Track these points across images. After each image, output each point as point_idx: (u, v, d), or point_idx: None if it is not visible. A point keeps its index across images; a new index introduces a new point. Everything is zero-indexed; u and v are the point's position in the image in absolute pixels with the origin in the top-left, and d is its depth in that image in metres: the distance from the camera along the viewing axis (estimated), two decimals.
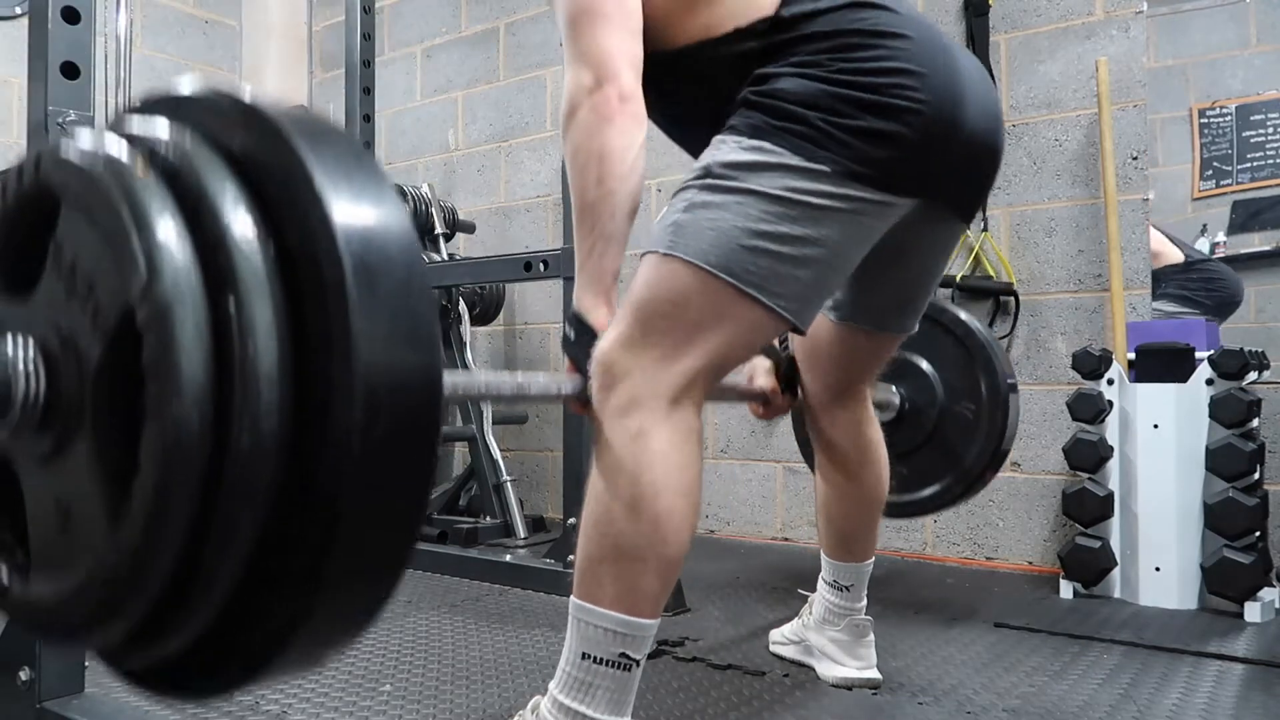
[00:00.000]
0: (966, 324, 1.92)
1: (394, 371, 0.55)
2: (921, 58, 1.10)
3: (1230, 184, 3.07)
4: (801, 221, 1.07)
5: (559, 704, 1.08)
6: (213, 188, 0.56)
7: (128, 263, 0.54)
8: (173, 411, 0.52)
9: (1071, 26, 2.57)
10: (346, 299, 0.52)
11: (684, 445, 1.08)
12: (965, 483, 1.92)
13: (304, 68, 4.40)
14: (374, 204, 0.57)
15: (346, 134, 0.62)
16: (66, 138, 0.62)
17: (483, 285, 3.29)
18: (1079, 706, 1.48)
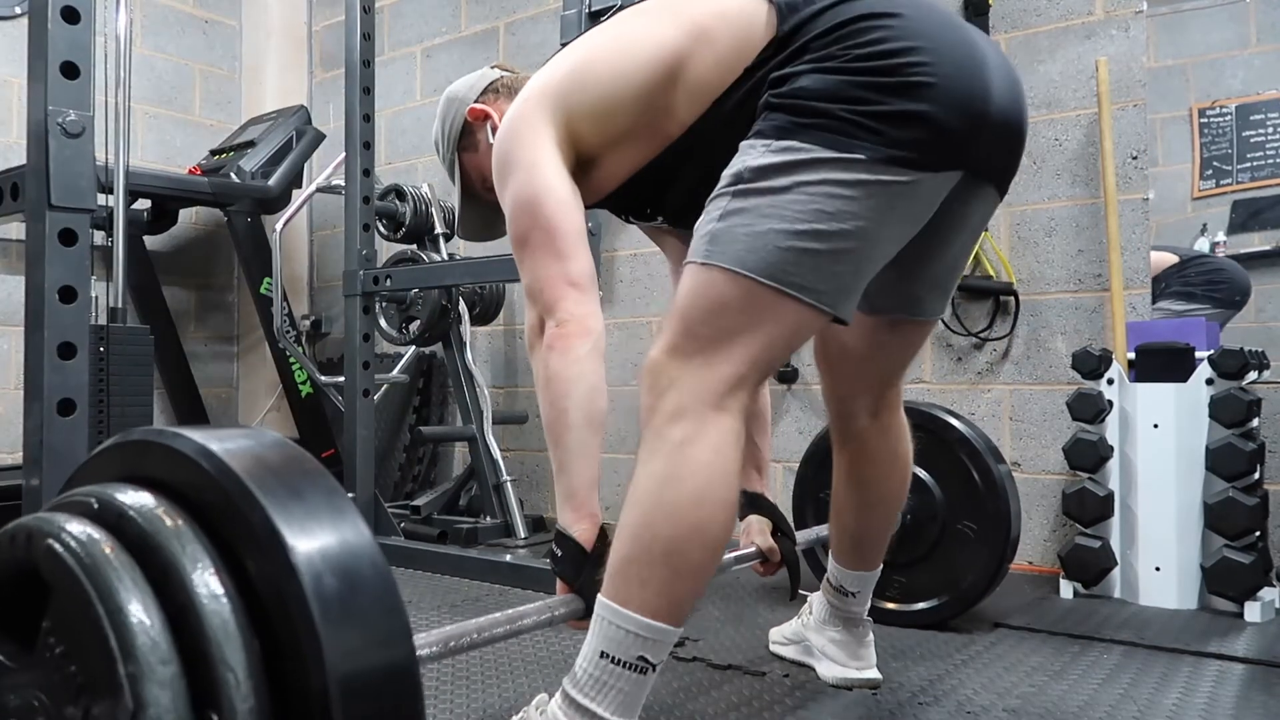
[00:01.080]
0: (971, 442, 1.90)
1: (371, 687, 0.60)
2: (919, 31, 1.10)
3: (1230, 184, 3.07)
4: (838, 216, 1.07)
5: (571, 700, 1.09)
6: (193, 584, 0.60)
7: (115, 690, 0.57)
8: None
9: (1071, 26, 2.57)
10: (320, 645, 0.57)
11: (729, 454, 1.09)
12: (961, 604, 1.91)
13: (304, 68, 4.40)
14: (335, 533, 0.62)
15: (301, 459, 0.68)
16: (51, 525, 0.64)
17: (483, 285, 3.29)
18: (1079, 706, 1.48)
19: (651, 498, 1.08)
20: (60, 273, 1.38)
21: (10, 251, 3.56)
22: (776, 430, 3.03)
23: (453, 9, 3.86)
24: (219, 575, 0.60)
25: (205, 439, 0.65)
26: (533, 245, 1.24)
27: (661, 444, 1.09)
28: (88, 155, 1.41)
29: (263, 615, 0.60)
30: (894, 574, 1.92)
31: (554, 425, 1.21)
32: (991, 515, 1.87)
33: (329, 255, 4.24)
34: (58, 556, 0.62)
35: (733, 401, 1.10)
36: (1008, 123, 1.18)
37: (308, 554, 0.60)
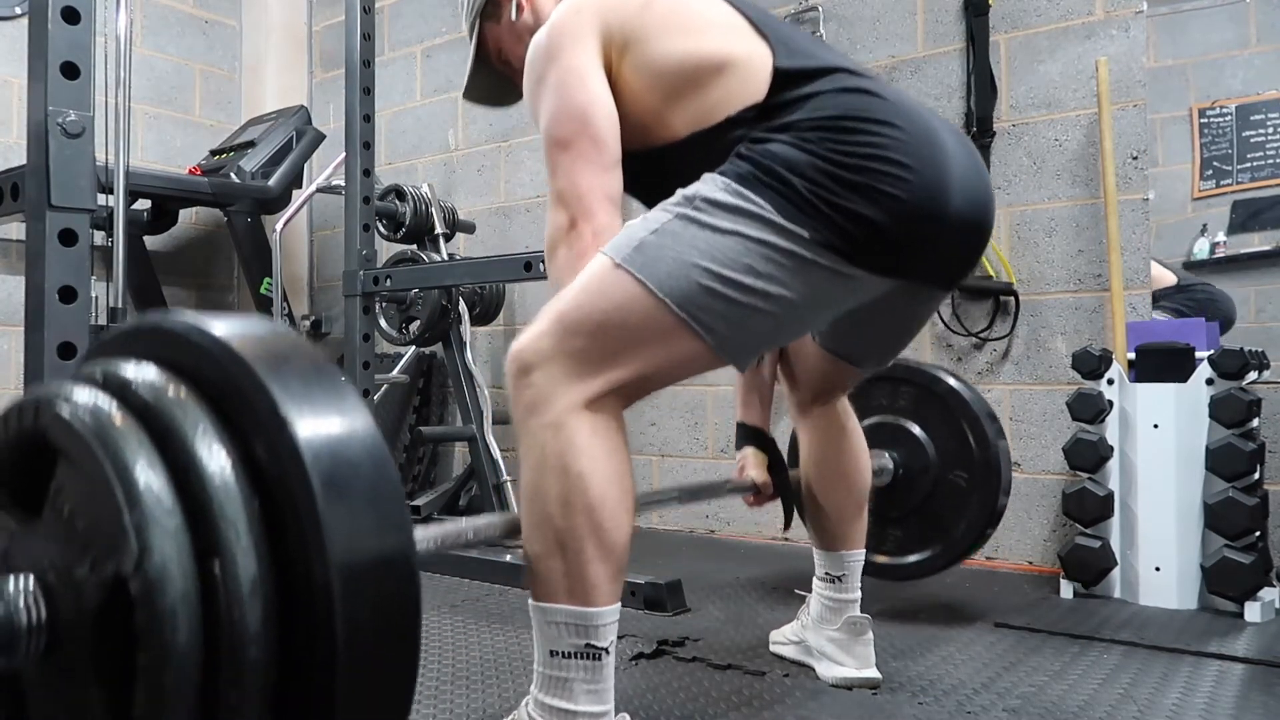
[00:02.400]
0: (962, 396, 1.94)
1: (369, 570, 0.61)
2: (910, 149, 1.13)
3: (1230, 184, 3.07)
4: (766, 278, 1.10)
5: (540, 704, 1.10)
6: (189, 432, 0.62)
7: (120, 536, 0.59)
8: (163, 680, 0.57)
9: (1071, 26, 2.57)
10: (320, 523, 0.59)
11: (606, 434, 1.10)
12: (953, 553, 1.94)
13: (304, 68, 4.40)
14: (337, 416, 0.63)
15: (307, 348, 0.69)
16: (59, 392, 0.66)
17: (483, 285, 3.29)
18: (1079, 706, 1.48)
19: (539, 490, 1.09)
20: (60, 273, 1.38)
21: (10, 251, 3.56)
22: (775, 430, 3.03)
23: (453, 9, 3.85)
24: (223, 445, 0.61)
25: (213, 323, 0.66)
26: (577, 152, 1.19)
27: (534, 435, 1.10)
28: (88, 155, 1.41)
29: (265, 491, 0.61)
30: (887, 528, 1.94)
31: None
32: (981, 464, 1.90)
33: (329, 255, 4.24)
34: (65, 421, 0.64)
35: (605, 405, 1.11)
36: (961, 243, 1.23)
37: (310, 435, 0.60)
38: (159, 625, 0.57)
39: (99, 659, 0.61)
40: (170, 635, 0.57)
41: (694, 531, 3.17)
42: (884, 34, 2.84)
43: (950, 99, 2.73)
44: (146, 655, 0.57)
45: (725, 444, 3.14)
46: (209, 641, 0.58)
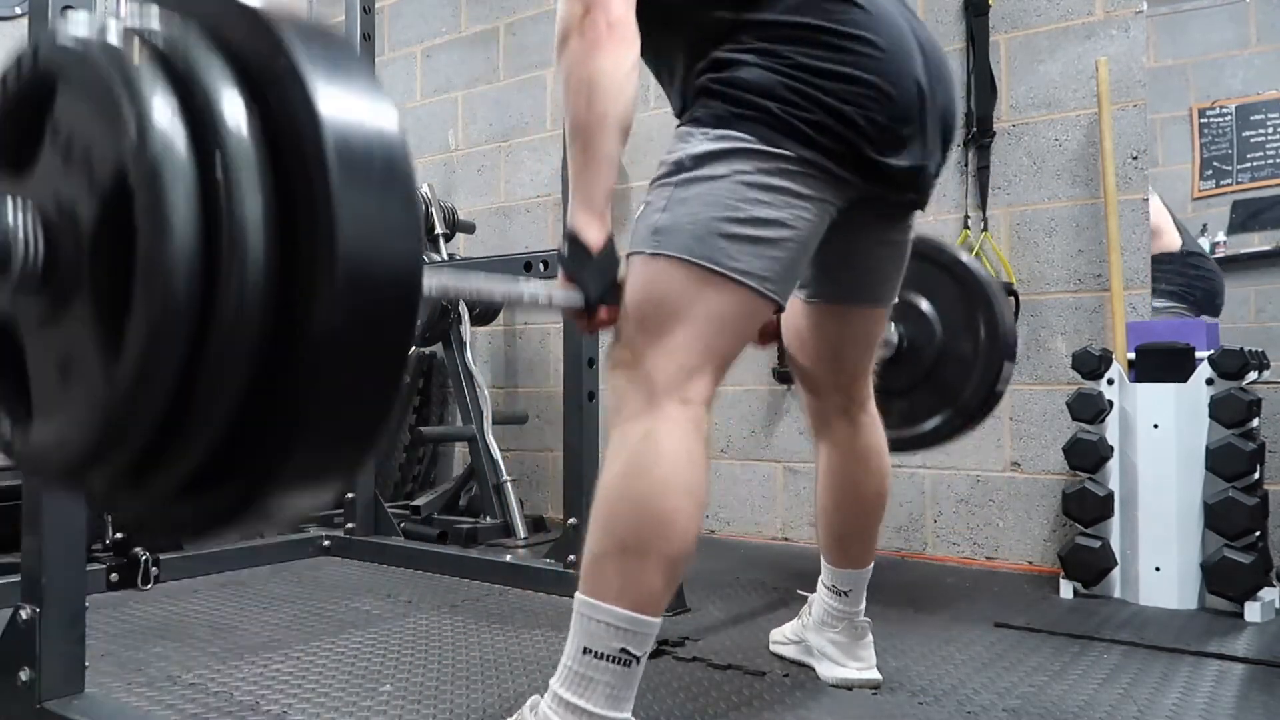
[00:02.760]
0: (966, 265, 1.93)
1: (374, 246, 0.58)
2: (881, 65, 1.16)
3: (1230, 184, 3.07)
4: (773, 204, 1.14)
5: (559, 698, 1.09)
6: (201, 63, 0.59)
7: (120, 125, 0.57)
8: (163, 261, 0.55)
9: (1071, 26, 2.57)
10: (329, 175, 0.56)
11: (692, 445, 1.12)
12: (963, 416, 1.92)
13: None
14: (360, 94, 0.60)
15: (334, 31, 0.65)
16: (60, 29, 0.65)
17: None
18: (1079, 706, 1.48)
19: (617, 492, 1.11)
20: None
21: None
22: (776, 429, 3.04)
23: (453, 9, 3.86)
24: (245, 105, 0.59)
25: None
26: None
27: (625, 440, 1.12)
28: None
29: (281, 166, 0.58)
30: (893, 401, 1.93)
31: (589, 127, 1.14)
32: (987, 330, 1.88)
33: None
34: (62, 44, 0.62)
35: (693, 393, 1.14)
36: (929, 149, 1.26)
37: (330, 105, 0.57)
38: (158, 204, 0.55)
39: (95, 278, 0.60)
40: (169, 214, 0.55)
41: None
42: None
43: None
44: (146, 236, 0.55)
45: (726, 443, 3.14)
46: (208, 236, 0.56)
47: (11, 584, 1.66)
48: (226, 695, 1.51)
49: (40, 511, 1.33)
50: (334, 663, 1.69)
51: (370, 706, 1.47)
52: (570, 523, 2.23)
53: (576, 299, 1.16)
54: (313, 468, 0.62)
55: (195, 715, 1.43)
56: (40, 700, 1.32)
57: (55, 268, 0.63)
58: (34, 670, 1.32)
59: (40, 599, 1.32)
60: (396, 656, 1.74)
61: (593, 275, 1.16)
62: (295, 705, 1.47)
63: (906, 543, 2.79)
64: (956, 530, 2.70)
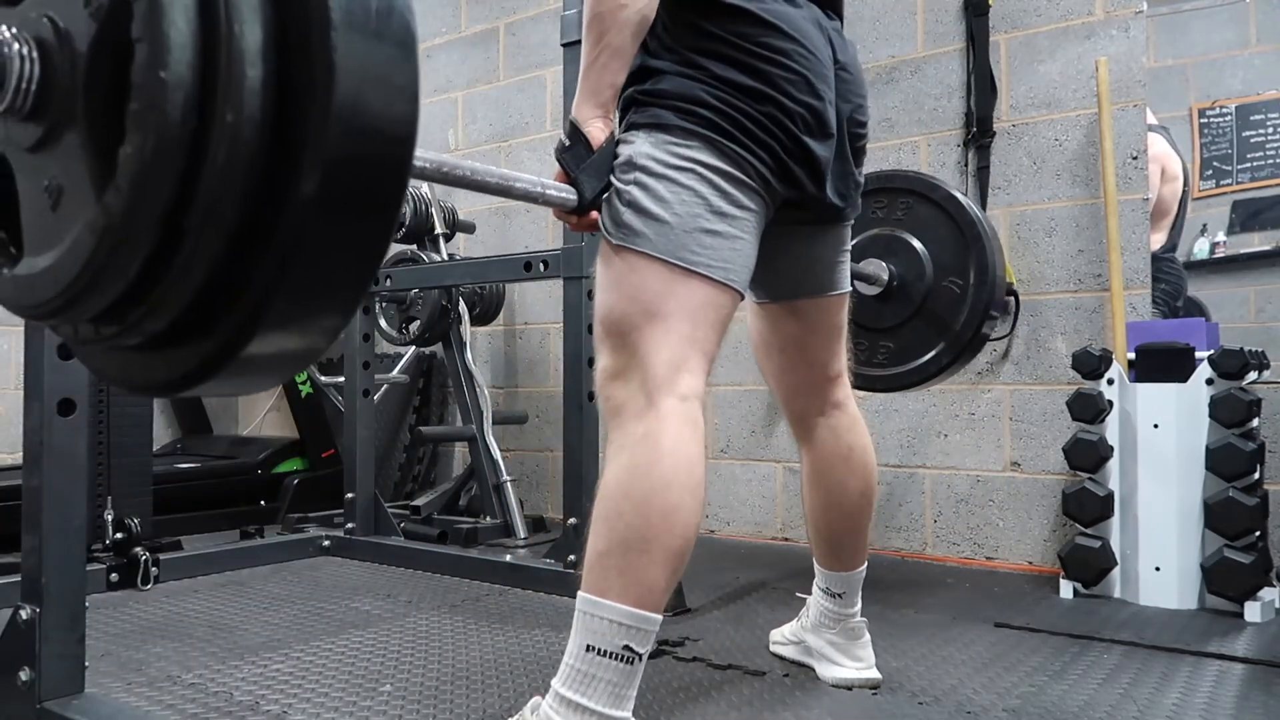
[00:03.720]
0: (958, 200, 1.92)
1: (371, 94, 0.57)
2: (802, 65, 1.23)
3: (1230, 184, 3.07)
4: (726, 197, 1.19)
5: (561, 698, 1.10)
6: None
7: None
8: (159, 76, 0.54)
9: (1071, 26, 2.57)
10: (329, 14, 0.55)
11: (692, 442, 1.15)
12: (954, 350, 1.92)
13: None
14: None
15: None
16: None
17: (483, 285, 3.29)
18: (1079, 706, 1.48)
19: (619, 489, 1.13)
20: None
21: None
22: (776, 429, 3.04)
23: (453, 9, 3.86)
24: None
25: None
26: None
27: (625, 440, 1.15)
28: None
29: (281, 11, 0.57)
30: (882, 339, 1.93)
31: (604, 20, 1.16)
32: (977, 265, 1.88)
33: None
34: None
35: (686, 388, 1.16)
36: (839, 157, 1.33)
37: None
38: (157, 16, 0.53)
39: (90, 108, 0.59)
40: (167, 29, 0.53)
41: None
42: (884, 34, 2.84)
43: (950, 99, 2.73)
44: (143, 52, 0.54)
45: (726, 444, 3.14)
46: (205, 61, 0.55)
47: (11, 584, 1.66)
48: (226, 695, 1.51)
49: (40, 511, 1.33)
50: (334, 663, 1.69)
51: (370, 706, 1.47)
52: (570, 523, 2.23)
53: (570, 197, 1.18)
54: (295, 317, 0.61)
55: (195, 715, 1.43)
56: (40, 700, 1.32)
57: (49, 92, 0.61)
58: (34, 670, 1.31)
59: (40, 599, 1.32)
60: (396, 656, 1.74)
61: (589, 174, 1.19)
62: (295, 705, 1.47)
63: (906, 543, 2.79)
64: (956, 530, 2.70)
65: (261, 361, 0.62)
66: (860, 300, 1.68)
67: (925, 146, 2.77)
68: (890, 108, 2.83)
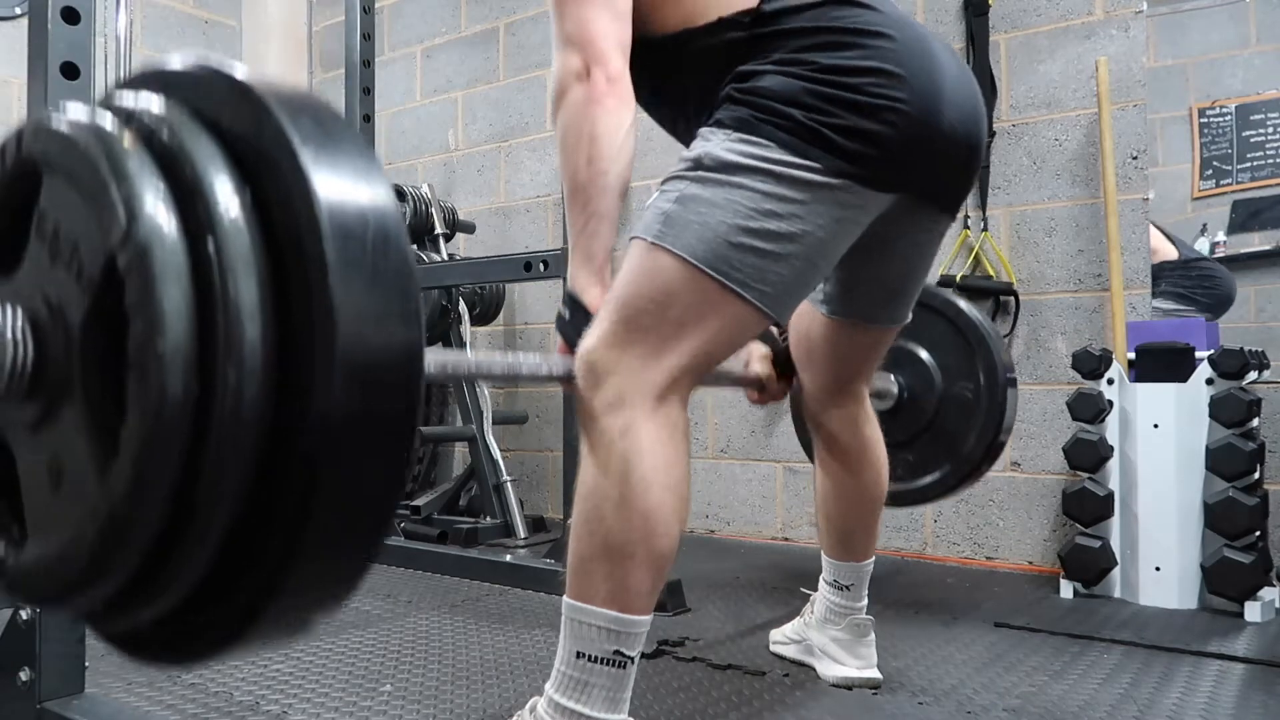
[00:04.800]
0: (964, 311, 1.91)
1: (373, 332, 0.56)
2: (902, 58, 1.11)
3: (1230, 183, 3.07)
4: (788, 218, 1.09)
5: (555, 704, 1.08)
6: (191, 146, 0.57)
7: (107, 212, 0.55)
8: (156, 350, 0.52)
9: (1071, 26, 2.57)
10: (325, 259, 0.54)
11: (671, 441, 1.09)
12: (962, 472, 1.91)
13: (304, 68, 4.40)
14: (354, 173, 0.58)
15: (329, 107, 0.63)
16: (44, 112, 0.63)
17: (483, 285, 3.29)
18: (1079, 706, 1.48)
19: (598, 491, 1.08)
20: None
21: None
22: (776, 429, 3.04)
23: (453, 9, 3.86)
24: (235, 184, 0.57)
25: (236, 66, 0.61)
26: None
27: (602, 436, 1.09)
28: None
29: (271, 227, 0.56)
30: (897, 453, 1.92)
31: (589, 185, 1.13)
32: (986, 379, 1.87)
33: None
34: (48, 128, 0.60)
35: (673, 395, 1.11)
36: (958, 151, 1.20)
37: (327, 189, 0.55)
38: (150, 288, 0.52)
39: (87, 383, 0.58)
40: (162, 296, 0.52)
41: (694, 531, 3.17)
42: None
43: None
44: (137, 326, 0.53)
45: (726, 444, 3.14)
46: (203, 322, 0.54)
47: None
48: (226, 695, 1.51)
49: None
50: (334, 663, 1.69)
51: (370, 706, 1.47)
52: (570, 523, 2.23)
53: (573, 370, 1.14)
54: (320, 571, 0.58)
55: (195, 715, 1.43)
56: (40, 700, 1.32)
57: (44, 371, 0.60)
58: (34, 670, 1.31)
59: None
60: (396, 656, 1.74)
61: None
62: (295, 705, 1.47)
63: (906, 543, 2.79)
64: (956, 530, 2.70)
65: (285, 620, 0.59)
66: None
67: None
68: None
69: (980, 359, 1.88)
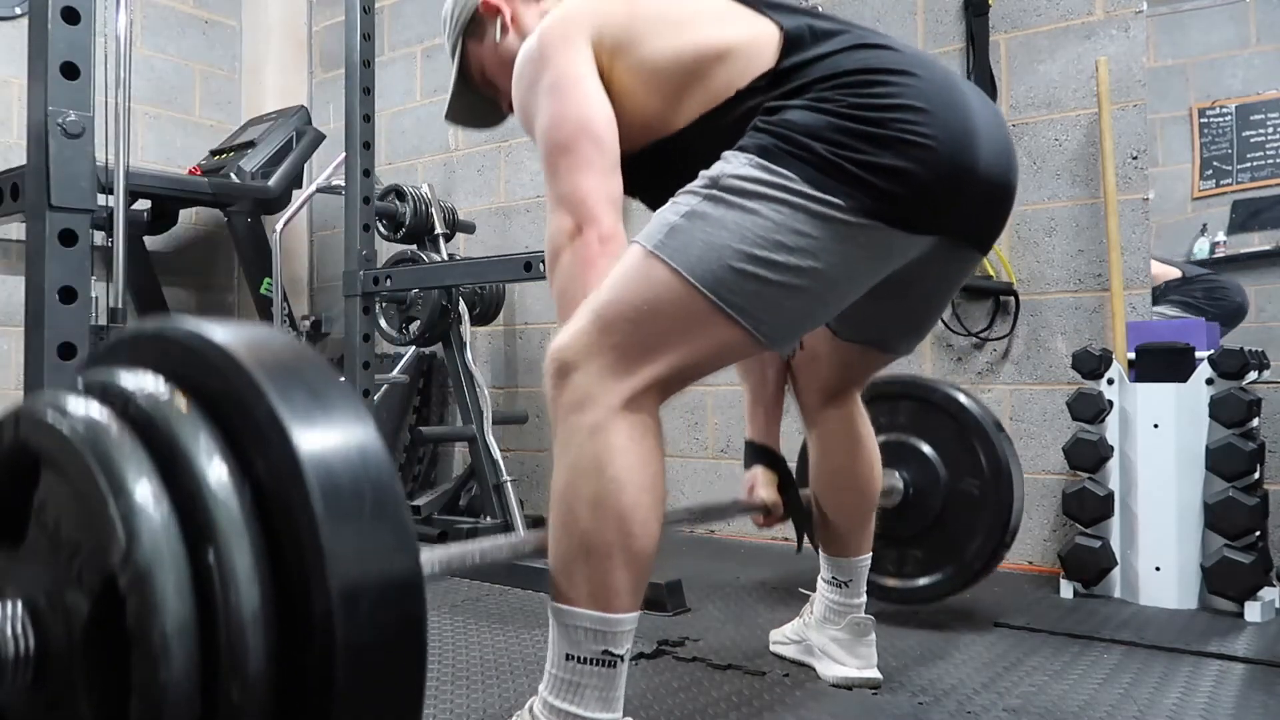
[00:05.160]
0: (959, 401, 1.91)
1: (373, 588, 0.58)
2: (929, 95, 1.10)
3: (1230, 184, 3.07)
4: (798, 253, 1.06)
5: (550, 706, 1.08)
6: (185, 439, 0.59)
7: (106, 529, 0.56)
8: (158, 679, 0.53)
9: (1071, 26, 2.57)
10: (319, 534, 0.56)
11: (644, 440, 1.07)
12: (964, 577, 1.91)
13: (304, 68, 4.40)
14: (341, 429, 0.60)
15: (313, 357, 0.66)
16: (41, 399, 0.64)
17: (483, 285, 3.29)
18: (1079, 706, 1.48)
19: (572, 492, 1.07)
20: (60, 273, 1.38)
21: (10, 252, 3.56)
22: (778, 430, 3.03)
23: None
24: (219, 451, 0.59)
25: (215, 330, 0.63)
26: (577, 155, 1.16)
27: (573, 435, 1.07)
28: (88, 155, 1.41)
29: (266, 508, 0.58)
30: (910, 549, 1.92)
31: (571, 293, 1.15)
32: (989, 462, 1.86)
33: (329, 255, 4.24)
34: (44, 423, 0.61)
35: (644, 400, 1.09)
36: (993, 190, 1.18)
37: (313, 451, 0.58)
38: (151, 615, 0.53)
39: (91, 679, 0.58)
40: (163, 625, 0.53)
41: (694, 531, 3.17)
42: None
43: None
44: (139, 652, 0.54)
45: (726, 444, 3.14)
46: (205, 636, 0.55)
47: None
48: None
49: None
50: None
51: None
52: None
53: None
54: None
55: None
56: None
57: (48, 663, 0.60)
58: None
59: None
60: None
61: None
62: None
63: None
64: None
65: None
66: (880, 514, 1.70)
67: None
68: None
69: (984, 454, 1.88)
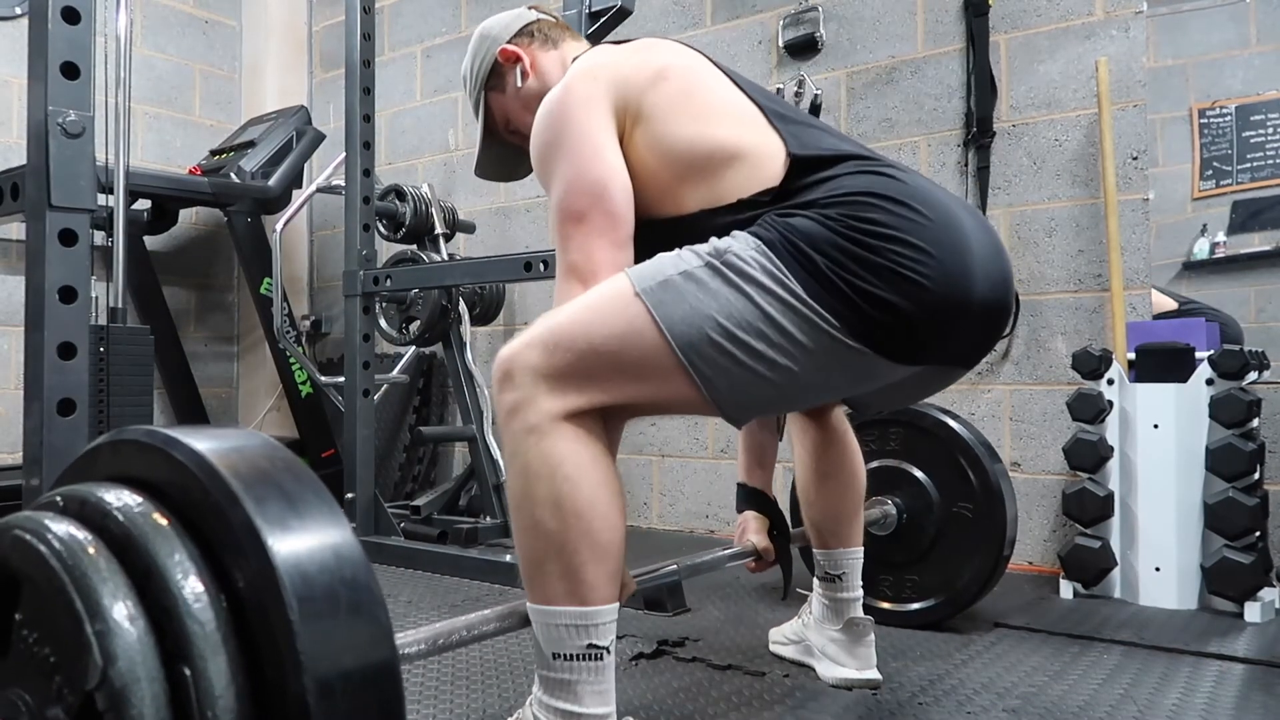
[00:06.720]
0: (949, 426, 1.90)
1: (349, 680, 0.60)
2: (928, 234, 1.10)
3: (1230, 184, 3.07)
4: (779, 349, 1.08)
5: (545, 705, 1.10)
6: (162, 556, 0.60)
7: (83, 650, 0.57)
8: None
9: (1071, 26, 2.57)
10: (294, 639, 0.57)
11: (590, 444, 1.09)
12: (955, 605, 1.91)
13: (304, 68, 4.40)
14: (315, 533, 0.62)
15: (287, 459, 0.67)
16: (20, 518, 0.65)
17: (483, 285, 3.29)
18: (1079, 706, 1.48)
19: (528, 496, 1.08)
20: (60, 273, 1.38)
21: (10, 251, 3.56)
22: None
23: (453, 9, 3.86)
24: (194, 564, 0.60)
25: (192, 439, 0.65)
26: (591, 226, 1.17)
27: (519, 440, 1.09)
28: (88, 155, 1.41)
29: (243, 617, 0.60)
30: (906, 574, 1.92)
31: None
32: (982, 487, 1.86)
33: (329, 255, 4.24)
34: (23, 542, 0.62)
35: (585, 420, 1.10)
36: (988, 316, 1.19)
37: (288, 558, 0.59)
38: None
39: None
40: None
41: (694, 532, 3.17)
42: (884, 34, 2.84)
43: (950, 99, 2.73)
44: None
45: (725, 444, 3.14)
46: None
47: None
48: None
49: None
50: None
51: None
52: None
53: None
54: None
55: None
56: None
57: None
58: None
59: None
60: None
61: None
62: None
63: None
64: None
65: None
66: (874, 540, 1.69)
67: (925, 147, 2.77)
68: (890, 108, 2.83)
69: (976, 478, 1.87)
